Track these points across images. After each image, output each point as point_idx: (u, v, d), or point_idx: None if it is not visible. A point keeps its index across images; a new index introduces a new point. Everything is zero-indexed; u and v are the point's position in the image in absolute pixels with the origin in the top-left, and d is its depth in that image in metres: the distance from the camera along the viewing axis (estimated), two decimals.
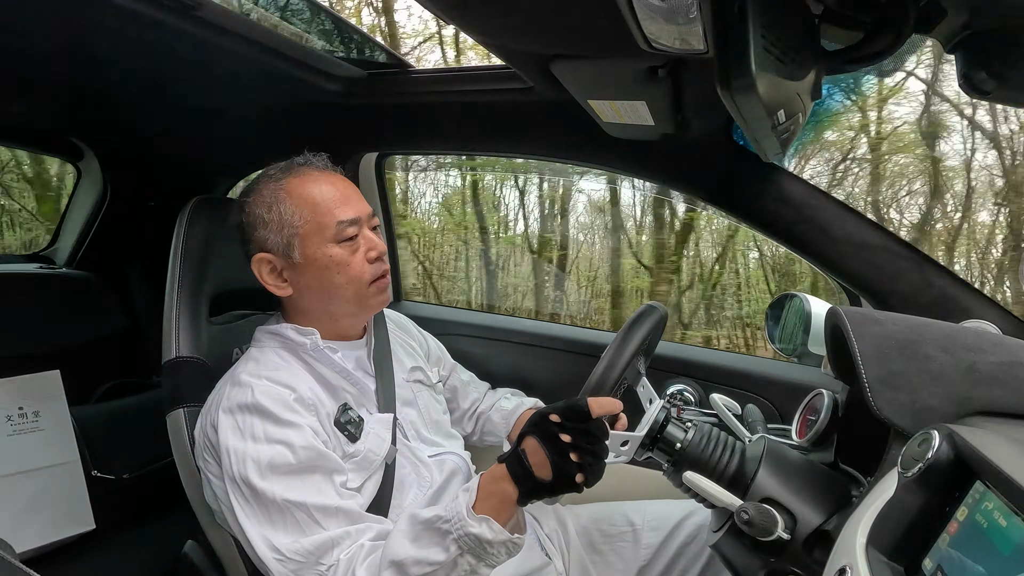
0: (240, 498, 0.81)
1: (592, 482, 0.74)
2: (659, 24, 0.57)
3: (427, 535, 0.76)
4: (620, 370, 0.75)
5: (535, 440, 0.75)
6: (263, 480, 0.80)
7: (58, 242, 1.82)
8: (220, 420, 0.85)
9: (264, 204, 0.93)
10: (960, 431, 0.52)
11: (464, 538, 0.73)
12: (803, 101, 0.71)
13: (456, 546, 0.74)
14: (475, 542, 0.73)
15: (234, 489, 0.82)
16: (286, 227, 0.91)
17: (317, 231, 0.91)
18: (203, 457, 0.89)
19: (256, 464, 0.81)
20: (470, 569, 0.75)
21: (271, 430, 0.83)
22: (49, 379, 1.43)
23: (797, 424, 1.00)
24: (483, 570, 0.76)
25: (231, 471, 0.81)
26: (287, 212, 0.91)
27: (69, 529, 1.36)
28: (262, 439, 0.82)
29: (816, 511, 0.70)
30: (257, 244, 0.93)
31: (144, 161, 1.64)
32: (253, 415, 0.84)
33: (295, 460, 0.82)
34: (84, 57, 1.06)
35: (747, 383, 1.33)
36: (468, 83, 1.25)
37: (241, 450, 0.82)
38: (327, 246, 0.91)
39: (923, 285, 1.03)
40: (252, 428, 0.83)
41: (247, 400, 0.84)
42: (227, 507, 0.84)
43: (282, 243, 0.91)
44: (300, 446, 0.83)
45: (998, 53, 0.60)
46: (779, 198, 1.09)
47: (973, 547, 0.46)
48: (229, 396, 0.86)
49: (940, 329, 0.70)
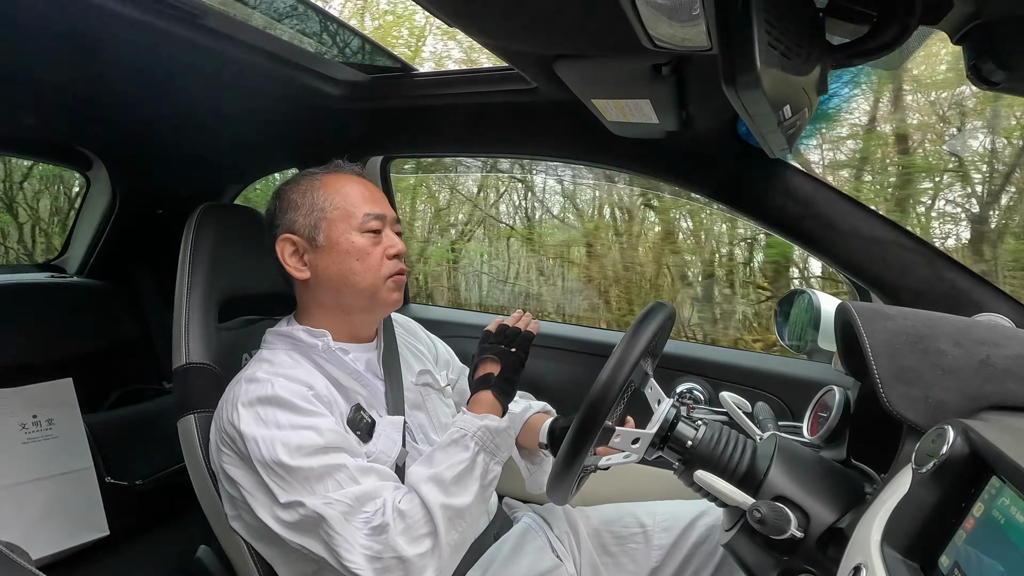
0: (275, 477, 0.81)
1: (520, 341, 1.00)
2: (663, 22, 0.57)
3: (449, 447, 0.88)
4: (627, 372, 0.75)
5: (480, 361, 1.00)
6: (294, 460, 0.81)
7: (68, 251, 1.84)
8: (240, 413, 0.84)
9: (299, 191, 0.98)
10: (975, 426, 0.51)
11: (477, 433, 0.88)
12: (809, 96, 0.71)
13: (474, 443, 0.87)
14: (486, 434, 0.88)
15: (267, 471, 0.82)
16: (316, 211, 0.96)
17: (344, 218, 0.96)
18: (220, 451, 0.88)
19: (286, 447, 0.81)
20: (484, 469, 0.88)
21: (295, 419, 0.84)
22: (62, 387, 1.45)
23: (808, 421, 0.99)
24: (494, 468, 0.90)
25: (260, 456, 0.82)
26: (319, 198, 0.97)
27: (84, 535, 1.37)
28: (287, 427, 0.83)
29: (829, 509, 0.70)
30: (285, 226, 0.97)
31: (152, 169, 1.65)
32: (275, 407, 0.84)
33: (323, 441, 0.83)
34: (91, 67, 1.07)
35: (757, 381, 1.33)
36: (471, 85, 1.25)
37: (268, 436, 0.82)
38: (352, 233, 0.95)
39: (934, 279, 1.02)
40: (276, 418, 0.84)
41: (267, 393, 0.85)
42: (253, 494, 0.84)
43: (309, 225, 0.96)
44: (327, 429, 0.85)
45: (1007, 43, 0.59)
46: (785, 194, 1.09)
47: (990, 543, 0.45)
48: (247, 391, 0.86)
49: (952, 323, 0.69)
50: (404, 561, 0.79)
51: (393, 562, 0.79)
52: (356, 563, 0.78)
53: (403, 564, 0.79)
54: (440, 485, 0.83)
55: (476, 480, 0.86)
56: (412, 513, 0.81)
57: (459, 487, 0.84)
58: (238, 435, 0.84)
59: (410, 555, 0.79)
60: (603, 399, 0.74)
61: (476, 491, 0.85)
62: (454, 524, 0.83)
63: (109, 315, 1.73)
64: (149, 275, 1.84)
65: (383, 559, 0.79)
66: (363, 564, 0.78)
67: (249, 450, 0.83)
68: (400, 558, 0.79)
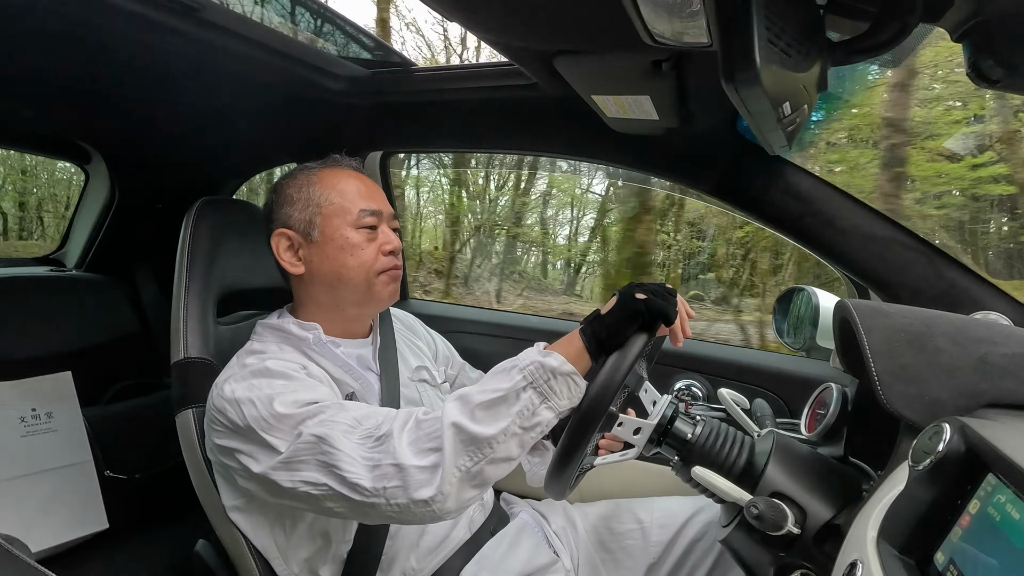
0: (272, 431, 0.78)
1: (655, 307, 0.78)
2: (663, 18, 0.57)
3: (497, 374, 0.78)
4: (622, 376, 0.75)
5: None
6: (290, 409, 0.79)
7: (67, 245, 1.84)
8: (233, 386, 0.83)
9: (295, 186, 0.98)
10: (971, 423, 0.52)
11: (529, 366, 0.75)
12: (809, 93, 0.71)
13: (521, 375, 0.75)
14: (539, 370, 0.75)
15: (264, 426, 0.78)
16: (311, 206, 0.96)
17: (339, 213, 0.95)
18: (211, 430, 0.86)
19: (282, 401, 0.79)
20: (527, 408, 0.75)
21: (289, 384, 0.83)
22: (61, 380, 1.45)
23: (806, 418, 0.99)
24: (543, 413, 0.75)
25: (257, 413, 0.79)
26: (315, 194, 0.96)
27: (83, 529, 1.37)
28: (282, 390, 0.82)
29: (826, 505, 0.70)
30: (280, 220, 0.97)
31: (150, 163, 1.65)
32: (268, 377, 0.84)
33: (318, 396, 0.82)
34: (90, 61, 1.07)
35: (755, 378, 1.33)
36: (471, 80, 1.25)
37: (263, 396, 0.80)
38: (346, 229, 0.95)
39: (932, 277, 1.02)
40: (270, 384, 0.82)
41: (259, 366, 0.85)
42: (250, 455, 0.80)
43: (304, 220, 0.95)
44: (324, 393, 0.84)
45: (1007, 41, 0.59)
46: (785, 191, 1.09)
47: (986, 540, 0.45)
48: (238, 373, 0.85)
49: (950, 321, 0.69)
50: (402, 469, 0.73)
51: (391, 469, 0.74)
52: (356, 473, 0.74)
53: (401, 472, 0.73)
54: (465, 406, 0.75)
55: (510, 416, 0.74)
56: (426, 425, 0.76)
57: (487, 414, 0.75)
58: (230, 404, 0.81)
59: (409, 464, 0.73)
60: (603, 394, 0.74)
61: (505, 426, 0.74)
62: (467, 449, 0.74)
63: (108, 309, 1.73)
64: (148, 269, 1.84)
65: (381, 466, 0.74)
66: (363, 473, 0.74)
67: (245, 413, 0.80)
68: (398, 465, 0.73)
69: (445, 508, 0.74)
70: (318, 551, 0.92)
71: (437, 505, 0.73)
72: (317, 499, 0.77)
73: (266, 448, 0.79)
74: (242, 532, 0.91)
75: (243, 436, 0.81)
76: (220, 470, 0.90)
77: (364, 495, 0.74)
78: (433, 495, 0.73)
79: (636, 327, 0.77)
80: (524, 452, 0.78)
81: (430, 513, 0.74)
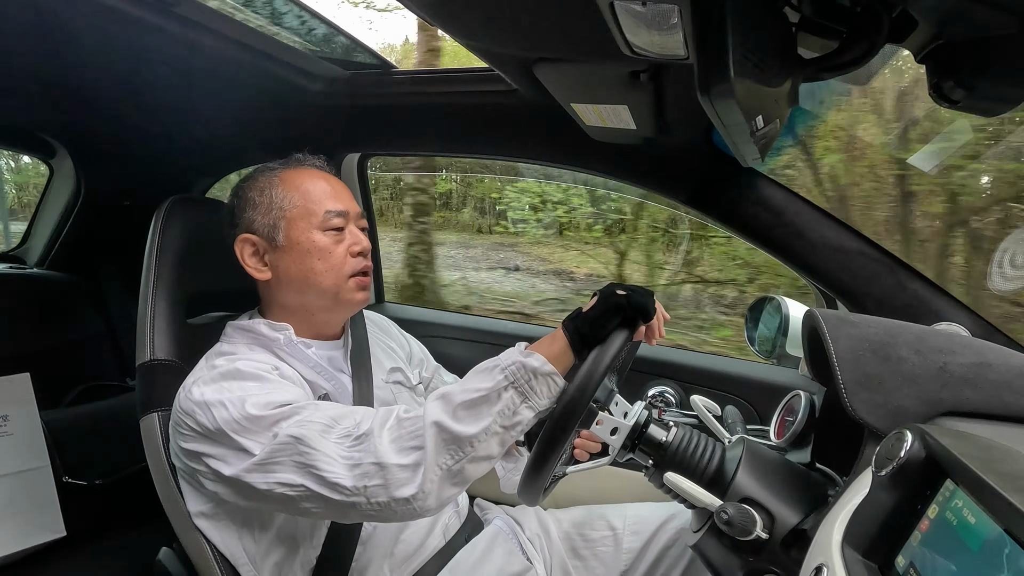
0: (244, 433, 0.76)
1: (637, 301, 0.78)
2: (641, 30, 0.58)
3: (478, 374, 0.78)
4: (604, 369, 0.75)
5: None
6: (263, 411, 0.77)
7: (29, 241, 1.78)
8: (202, 389, 0.80)
9: (257, 188, 0.95)
10: (931, 431, 0.53)
11: (511, 366, 0.75)
12: (780, 107, 0.73)
13: (503, 375, 0.75)
14: (521, 370, 0.75)
15: (236, 429, 0.76)
16: (275, 209, 0.93)
17: (304, 216, 0.93)
18: (177, 433, 0.83)
19: (254, 404, 0.77)
20: (508, 407, 0.75)
21: (261, 385, 0.81)
22: (18, 382, 1.40)
23: (775, 425, 1.01)
24: (524, 412, 0.76)
25: (228, 416, 0.76)
26: (278, 196, 0.93)
27: (39, 536, 1.32)
28: (254, 391, 0.80)
29: (794, 511, 0.71)
30: (243, 225, 0.94)
31: (119, 160, 1.60)
32: (239, 379, 0.82)
33: (292, 397, 0.80)
34: (58, 52, 1.03)
35: (727, 385, 1.35)
36: (451, 84, 1.25)
37: (234, 398, 0.78)
38: (312, 232, 0.92)
39: (897, 288, 1.05)
40: (241, 386, 0.80)
41: (229, 368, 0.83)
42: (221, 458, 0.78)
43: (268, 224, 0.93)
44: (297, 393, 0.82)
45: (967, 63, 0.62)
46: (757, 202, 1.11)
47: (944, 544, 0.47)
48: (207, 375, 0.83)
49: (913, 332, 0.72)
50: (383, 467, 0.72)
51: (372, 468, 0.73)
52: (335, 472, 0.73)
53: (382, 471, 0.72)
54: (447, 405, 0.75)
55: (492, 415, 0.74)
56: (408, 424, 0.76)
57: (468, 413, 0.75)
58: (199, 407, 0.79)
59: (391, 463, 0.72)
60: (585, 386, 0.74)
61: (487, 425, 0.74)
62: (448, 448, 0.74)
63: (70, 308, 1.67)
64: (114, 268, 1.78)
65: (362, 464, 0.73)
66: (342, 472, 0.73)
67: (215, 416, 0.77)
68: (380, 464, 0.72)
69: (426, 506, 0.74)
70: (286, 556, 0.90)
71: (418, 503, 0.73)
72: (293, 500, 0.76)
73: (238, 451, 0.77)
74: (208, 539, 0.88)
75: (213, 440, 0.78)
76: (186, 475, 0.87)
77: (344, 494, 0.73)
78: (415, 493, 0.72)
79: (618, 321, 0.78)
80: (503, 450, 0.78)
81: (411, 511, 0.74)
